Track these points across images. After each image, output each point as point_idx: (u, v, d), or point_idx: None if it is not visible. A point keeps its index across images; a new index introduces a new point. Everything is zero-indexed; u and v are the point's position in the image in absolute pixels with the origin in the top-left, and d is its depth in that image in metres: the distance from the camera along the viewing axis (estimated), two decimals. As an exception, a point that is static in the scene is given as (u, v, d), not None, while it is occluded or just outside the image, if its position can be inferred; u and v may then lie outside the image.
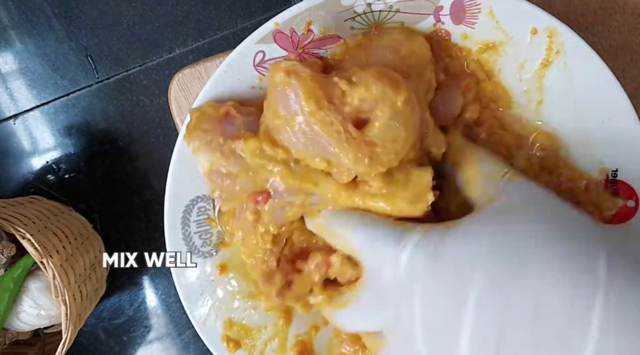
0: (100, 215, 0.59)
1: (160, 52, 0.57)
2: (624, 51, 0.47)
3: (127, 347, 0.62)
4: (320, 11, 0.37)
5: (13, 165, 0.59)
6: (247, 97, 0.40)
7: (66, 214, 0.55)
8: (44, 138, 0.59)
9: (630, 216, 0.41)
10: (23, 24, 0.57)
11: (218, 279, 0.42)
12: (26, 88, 0.58)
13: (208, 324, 0.42)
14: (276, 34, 0.38)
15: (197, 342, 0.61)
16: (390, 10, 0.38)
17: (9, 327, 0.51)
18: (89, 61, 0.57)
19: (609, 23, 0.46)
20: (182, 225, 0.41)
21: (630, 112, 0.39)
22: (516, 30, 0.39)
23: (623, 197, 0.40)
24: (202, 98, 0.39)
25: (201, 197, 0.41)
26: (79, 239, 0.53)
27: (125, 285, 0.61)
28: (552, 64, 0.39)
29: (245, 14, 0.57)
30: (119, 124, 0.58)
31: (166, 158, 0.40)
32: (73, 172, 0.59)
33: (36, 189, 0.59)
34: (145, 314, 0.62)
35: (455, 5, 0.38)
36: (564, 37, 0.38)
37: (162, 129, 0.58)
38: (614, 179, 0.40)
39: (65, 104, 0.58)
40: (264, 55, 0.38)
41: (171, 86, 0.46)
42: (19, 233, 0.46)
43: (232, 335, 0.42)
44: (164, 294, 0.61)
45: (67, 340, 0.48)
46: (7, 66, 0.57)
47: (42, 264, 0.46)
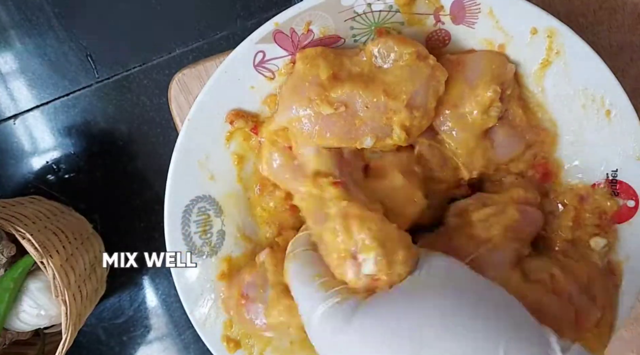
0: (100, 215, 0.59)
1: (160, 52, 0.57)
2: (624, 51, 0.47)
3: (127, 347, 0.62)
4: (320, 11, 0.37)
5: (13, 165, 0.59)
6: (247, 98, 0.40)
7: (66, 214, 0.55)
8: (44, 138, 0.59)
9: (630, 216, 0.41)
10: (23, 24, 0.57)
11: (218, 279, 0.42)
12: (26, 88, 0.58)
13: (208, 324, 0.42)
14: (276, 34, 0.38)
15: (197, 342, 0.61)
16: (390, 11, 0.38)
17: (9, 327, 0.51)
18: (89, 61, 0.57)
19: (609, 23, 0.46)
20: (182, 225, 0.41)
21: (630, 112, 0.39)
22: (516, 30, 0.39)
23: (623, 197, 0.41)
24: (202, 98, 0.39)
25: (201, 197, 0.41)
26: (79, 239, 0.53)
27: (125, 285, 0.61)
28: (552, 64, 0.39)
29: (245, 14, 0.57)
30: (119, 124, 0.58)
31: (166, 158, 0.40)
32: (73, 172, 0.59)
33: (36, 189, 0.59)
34: (145, 314, 0.61)
35: (456, 5, 0.38)
36: (564, 37, 0.38)
37: (162, 129, 0.58)
38: (614, 179, 0.40)
39: (65, 104, 0.58)
40: (264, 55, 0.38)
41: (171, 86, 0.46)
42: (19, 233, 0.46)
43: (232, 335, 0.42)
44: (164, 294, 0.61)
45: (67, 340, 0.48)
46: (7, 66, 0.57)
47: (42, 264, 0.46)
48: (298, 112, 0.37)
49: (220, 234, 0.42)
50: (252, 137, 0.41)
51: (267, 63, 0.39)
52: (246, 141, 0.41)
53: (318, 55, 0.37)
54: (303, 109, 0.36)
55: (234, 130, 0.40)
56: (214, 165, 0.41)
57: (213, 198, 0.41)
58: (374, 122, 0.36)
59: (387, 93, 0.36)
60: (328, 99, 0.36)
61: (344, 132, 0.37)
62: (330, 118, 0.36)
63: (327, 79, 0.36)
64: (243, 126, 0.40)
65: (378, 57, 0.37)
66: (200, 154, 0.40)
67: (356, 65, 0.37)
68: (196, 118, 0.39)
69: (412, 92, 0.36)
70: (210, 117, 0.40)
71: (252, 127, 0.40)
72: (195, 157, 0.40)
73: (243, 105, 0.40)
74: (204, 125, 0.40)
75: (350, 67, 0.37)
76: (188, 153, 0.40)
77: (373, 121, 0.36)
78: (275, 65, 0.39)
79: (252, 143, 0.41)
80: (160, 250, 0.60)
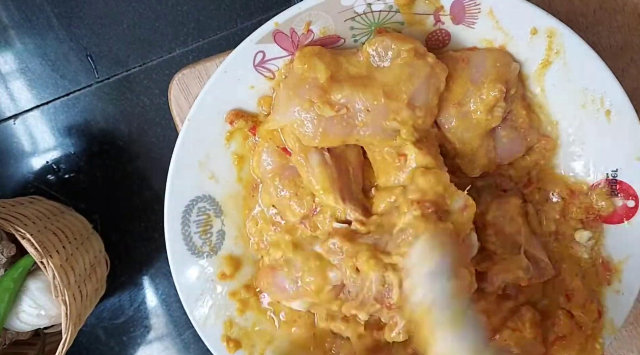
0: (100, 215, 0.59)
1: (160, 52, 0.57)
2: (624, 51, 0.47)
3: (127, 347, 0.62)
4: (320, 11, 0.37)
5: (13, 165, 0.59)
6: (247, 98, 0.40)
7: (66, 214, 0.55)
8: (44, 138, 0.59)
9: (630, 216, 0.41)
10: (23, 24, 0.57)
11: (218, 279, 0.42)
12: (26, 88, 0.58)
13: (208, 324, 0.42)
14: (276, 34, 0.38)
15: (197, 342, 0.61)
16: (390, 11, 0.38)
17: (9, 327, 0.51)
18: (89, 61, 0.57)
19: (609, 23, 0.46)
20: (182, 225, 0.41)
21: (630, 112, 0.39)
22: (516, 30, 0.39)
23: (623, 197, 0.40)
24: (203, 98, 0.39)
25: (201, 197, 0.41)
26: (79, 239, 0.53)
27: (125, 285, 0.61)
28: (552, 64, 0.39)
29: (245, 14, 0.57)
30: (119, 124, 0.58)
31: (166, 158, 0.40)
32: (73, 172, 0.59)
33: (36, 189, 0.59)
34: (145, 314, 0.61)
35: (456, 6, 0.38)
36: (564, 37, 0.38)
37: (162, 129, 0.58)
38: (614, 179, 0.40)
39: (65, 104, 0.58)
40: (264, 55, 0.38)
41: (171, 86, 0.46)
42: (19, 233, 0.46)
43: (232, 335, 0.42)
44: (164, 294, 0.61)
45: (67, 340, 0.48)
46: (7, 66, 0.57)
47: (42, 264, 0.46)
48: (300, 114, 0.37)
49: (220, 234, 0.42)
50: (250, 137, 0.41)
51: (267, 63, 0.39)
52: (246, 141, 0.41)
53: (315, 55, 0.37)
54: (305, 111, 0.37)
55: (234, 130, 0.40)
56: (214, 165, 0.41)
57: (213, 198, 0.41)
58: (376, 123, 0.37)
59: (387, 95, 0.36)
60: (329, 101, 0.36)
61: (346, 134, 0.37)
62: (332, 120, 0.36)
63: (326, 81, 0.36)
64: (243, 126, 0.40)
65: (376, 56, 0.37)
66: (200, 154, 0.40)
67: (354, 66, 0.37)
68: (196, 118, 0.39)
69: (413, 91, 0.36)
70: (210, 117, 0.40)
71: (251, 127, 0.40)
72: (195, 157, 0.40)
73: (243, 105, 0.40)
74: (204, 125, 0.40)
75: (348, 68, 0.37)
76: (188, 153, 0.40)
77: (374, 123, 0.36)
78: (275, 65, 0.39)
79: (249, 143, 0.41)
80: (160, 250, 0.60)
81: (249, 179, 0.42)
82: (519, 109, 0.40)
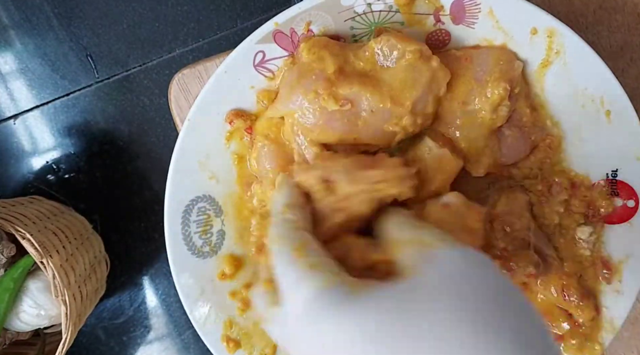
0: (100, 215, 0.59)
1: (160, 52, 0.57)
2: (624, 51, 0.47)
3: (127, 347, 0.62)
4: (320, 11, 0.37)
5: (13, 165, 0.59)
6: (247, 97, 0.40)
7: (66, 214, 0.55)
8: (44, 138, 0.59)
9: (630, 216, 0.41)
10: (23, 24, 0.57)
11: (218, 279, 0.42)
12: (26, 88, 0.58)
13: (208, 324, 0.42)
14: (276, 34, 0.38)
15: (197, 342, 0.61)
16: (390, 11, 0.38)
17: (9, 327, 0.51)
18: (89, 61, 0.57)
19: (609, 23, 0.46)
20: (182, 226, 0.41)
21: (630, 112, 0.39)
22: (516, 30, 0.39)
23: (623, 197, 0.40)
24: (203, 98, 0.39)
25: (201, 197, 0.41)
26: (79, 239, 0.53)
27: (125, 285, 0.61)
28: (552, 64, 0.39)
29: (245, 14, 0.57)
30: (119, 124, 0.58)
31: (166, 158, 0.40)
32: (73, 172, 0.59)
33: (36, 189, 0.59)
34: (145, 314, 0.61)
35: (456, 6, 0.38)
36: (564, 37, 0.38)
37: (162, 129, 0.58)
38: (614, 179, 0.40)
39: (65, 104, 0.58)
40: (264, 55, 0.38)
41: (171, 86, 0.46)
42: (19, 233, 0.46)
43: (232, 335, 0.42)
44: (164, 294, 0.61)
45: (67, 340, 0.48)
46: (7, 66, 0.57)
47: (42, 264, 0.46)
48: (303, 103, 0.36)
49: (221, 234, 0.42)
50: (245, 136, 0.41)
51: (267, 63, 0.39)
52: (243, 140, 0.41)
53: (323, 47, 0.36)
54: (308, 102, 0.36)
55: (234, 130, 0.40)
56: (214, 165, 0.41)
57: (213, 198, 0.41)
58: (377, 126, 0.36)
59: (393, 100, 0.36)
60: (335, 94, 0.36)
61: (346, 131, 0.37)
62: (333, 114, 0.36)
63: (333, 73, 0.36)
64: (243, 126, 0.40)
65: (381, 55, 0.37)
66: (200, 154, 0.40)
67: (360, 61, 0.37)
68: (196, 118, 0.39)
69: (416, 98, 0.36)
70: (210, 117, 0.40)
71: (247, 126, 0.40)
72: (195, 157, 0.40)
73: (243, 105, 0.40)
74: (204, 125, 0.40)
75: (354, 62, 0.37)
76: (188, 153, 0.40)
77: (376, 125, 0.36)
78: (275, 65, 0.39)
79: (245, 141, 0.41)
80: (160, 250, 0.60)
81: (244, 176, 0.42)
82: (524, 107, 0.40)
